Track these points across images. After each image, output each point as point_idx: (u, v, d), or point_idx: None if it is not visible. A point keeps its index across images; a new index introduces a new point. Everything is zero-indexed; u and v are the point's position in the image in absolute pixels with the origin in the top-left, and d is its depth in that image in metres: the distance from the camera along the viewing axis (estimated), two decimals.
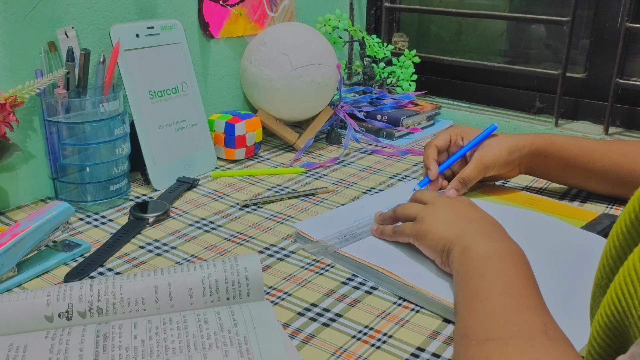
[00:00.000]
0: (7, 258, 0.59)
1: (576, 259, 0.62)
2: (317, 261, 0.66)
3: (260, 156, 0.99)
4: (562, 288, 0.57)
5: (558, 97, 1.09)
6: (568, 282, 0.58)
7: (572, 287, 0.57)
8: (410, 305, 0.58)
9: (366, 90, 1.18)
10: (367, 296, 0.59)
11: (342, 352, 0.51)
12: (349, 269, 0.64)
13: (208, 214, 0.77)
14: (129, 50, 0.83)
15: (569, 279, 0.59)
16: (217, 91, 1.03)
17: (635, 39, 1.06)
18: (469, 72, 1.25)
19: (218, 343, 0.46)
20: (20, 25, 0.74)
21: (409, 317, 0.56)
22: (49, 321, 0.49)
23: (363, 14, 1.34)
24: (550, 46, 1.18)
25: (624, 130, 1.08)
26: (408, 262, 0.62)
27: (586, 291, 0.40)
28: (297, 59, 0.96)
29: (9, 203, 0.78)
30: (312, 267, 0.64)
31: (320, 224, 0.70)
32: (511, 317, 0.44)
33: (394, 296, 0.59)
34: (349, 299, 0.59)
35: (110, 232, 0.72)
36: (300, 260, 0.66)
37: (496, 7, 1.24)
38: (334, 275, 0.63)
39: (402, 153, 1.00)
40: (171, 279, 0.52)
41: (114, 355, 0.45)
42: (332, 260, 0.66)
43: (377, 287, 0.61)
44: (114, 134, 0.77)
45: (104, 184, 0.78)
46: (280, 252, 0.68)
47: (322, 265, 0.65)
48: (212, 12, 0.98)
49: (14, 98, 0.71)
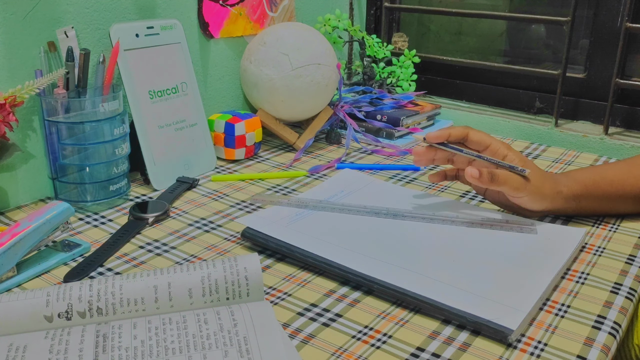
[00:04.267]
0: (7, 258, 0.59)
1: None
2: (317, 261, 0.66)
3: (260, 156, 0.99)
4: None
5: (558, 97, 1.08)
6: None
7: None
8: (410, 305, 0.58)
9: (366, 90, 1.18)
10: (366, 296, 0.59)
11: (342, 352, 0.51)
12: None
13: (208, 214, 0.77)
14: (128, 50, 0.83)
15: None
16: (217, 91, 1.03)
17: (635, 39, 1.06)
18: (469, 72, 1.25)
19: (218, 343, 0.46)
20: (20, 25, 0.74)
21: (408, 317, 0.56)
22: (49, 321, 0.49)
23: (363, 14, 1.34)
24: (550, 46, 1.18)
25: (624, 130, 1.08)
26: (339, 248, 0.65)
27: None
28: (297, 58, 0.96)
29: (9, 203, 0.78)
30: (312, 267, 0.64)
31: (267, 220, 0.71)
32: None
33: (394, 296, 0.59)
34: (349, 299, 0.59)
35: (110, 232, 0.72)
36: (300, 260, 0.66)
37: (496, 7, 1.24)
38: (334, 275, 0.63)
39: (402, 153, 1.00)
40: (171, 279, 0.52)
41: (114, 356, 0.45)
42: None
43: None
44: (114, 134, 0.77)
45: (104, 184, 0.78)
46: (281, 252, 0.67)
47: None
48: (211, 12, 0.98)
49: (14, 98, 0.71)
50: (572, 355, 0.51)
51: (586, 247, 0.69)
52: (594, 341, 0.53)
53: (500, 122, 1.15)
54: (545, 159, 0.99)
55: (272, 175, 0.90)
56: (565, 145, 1.07)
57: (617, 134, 1.07)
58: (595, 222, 0.75)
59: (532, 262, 0.62)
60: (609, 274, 0.64)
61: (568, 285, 0.61)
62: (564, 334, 0.54)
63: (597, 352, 0.51)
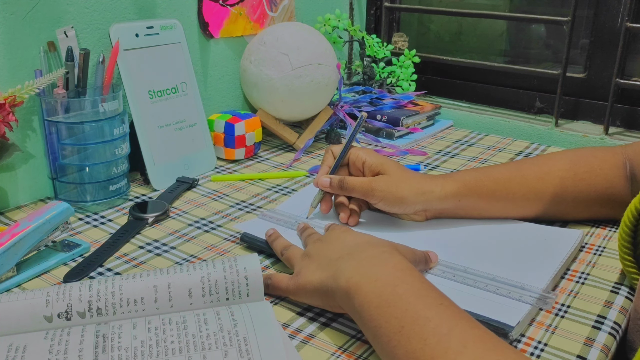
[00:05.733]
0: (7, 258, 0.59)
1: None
2: None
3: (260, 156, 0.99)
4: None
5: (558, 97, 1.08)
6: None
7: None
8: None
9: (366, 90, 1.18)
10: None
11: (342, 352, 0.51)
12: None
13: (208, 214, 0.77)
14: (128, 50, 0.83)
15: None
16: (216, 91, 1.03)
17: (635, 39, 1.06)
18: (469, 72, 1.25)
19: (218, 343, 0.46)
20: (20, 25, 0.74)
21: None
22: (48, 321, 0.49)
23: (363, 13, 1.34)
24: (550, 46, 1.18)
25: (624, 130, 1.08)
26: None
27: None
28: (296, 58, 0.95)
29: (9, 203, 0.78)
30: None
31: (263, 226, 0.70)
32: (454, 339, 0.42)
33: None
34: None
35: (110, 232, 0.72)
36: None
37: (496, 7, 1.24)
38: None
39: (402, 153, 1.00)
40: (170, 279, 0.52)
41: (114, 356, 0.45)
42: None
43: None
44: (114, 134, 0.77)
45: (104, 184, 0.78)
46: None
47: None
48: (211, 12, 0.98)
49: (14, 98, 0.71)
50: (572, 355, 0.51)
51: (586, 247, 0.69)
52: (594, 341, 0.53)
53: (500, 122, 1.15)
54: None
55: (272, 175, 0.90)
56: (565, 145, 1.07)
57: (618, 134, 1.07)
58: (595, 222, 0.75)
59: (530, 261, 0.62)
60: (609, 274, 0.64)
61: (568, 285, 0.61)
62: (564, 334, 0.54)
63: (597, 352, 0.51)
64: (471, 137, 1.10)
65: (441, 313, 0.45)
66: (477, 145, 1.05)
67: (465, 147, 1.04)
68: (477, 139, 1.09)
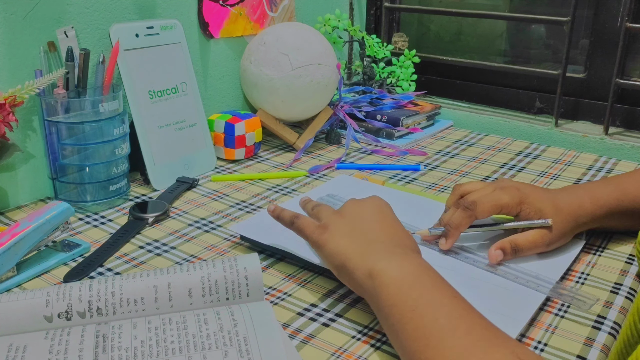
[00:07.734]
0: (7, 258, 0.59)
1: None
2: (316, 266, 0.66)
3: (260, 156, 0.99)
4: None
5: (558, 97, 1.09)
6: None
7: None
8: None
9: (366, 90, 1.18)
10: None
11: (342, 352, 0.51)
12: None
13: (208, 214, 0.77)
14: (128, 50, 0.83)
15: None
16: (216, 91, 1.03)
17: (635, 39, 1.06)
18: (468, 72, 1.25)
19: (218, 343, 0.46)
20: (20, 25, 0.74)
21: None
22: (49, 321, 0.49)
23: (363, 13, 1.34)
24: (550, 46, 1.18)
25: (624, 130, 1.08)
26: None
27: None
28: (296, 59, 0.95)
29: (9, 203, 0.78)
30: (312, 267, 0.64)
31: (260, 226, 0.69)
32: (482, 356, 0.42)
33: None
34: (348, 299, 0.59)
35: (110, 232, 0.72)
36: (300, 260, 0.65)
37: (496, 7, 1.24)
38: (334, 276, 0.63)
39: (402, 153, 1.00)
40: (171, 279, 0.52)
41: (114, 356, 0.45)
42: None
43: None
44: (114, 134, 0.77)
45: (104, 184, 0.78)
46: (280, 252, 0.67)
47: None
48: (211, 12, 0.98)
49: (14, 98, 0.71)
50: (572, 355, 0.51)
51: (586, 247, 0.69)
52: (594, 341, 0.53)
53: (500, 122, 1.15)
54: (545, 159, 0.99)
55: (272, 176, 0.90)
56: (565, 146, 1.07)
57: (617, 134, 1.07)
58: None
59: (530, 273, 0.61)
60: (609, 274, 0.64)
61: (568, 286, 0.61)
62: (564, 334, 0.54)
63: (597, 352, 0.51)
64: (471, 137, 1.10)
65: (455, 303, 0.47)
66: (477, 146, 1.05)
67: (465, 147, 1.04)
68: (477, 139, 1.09)
